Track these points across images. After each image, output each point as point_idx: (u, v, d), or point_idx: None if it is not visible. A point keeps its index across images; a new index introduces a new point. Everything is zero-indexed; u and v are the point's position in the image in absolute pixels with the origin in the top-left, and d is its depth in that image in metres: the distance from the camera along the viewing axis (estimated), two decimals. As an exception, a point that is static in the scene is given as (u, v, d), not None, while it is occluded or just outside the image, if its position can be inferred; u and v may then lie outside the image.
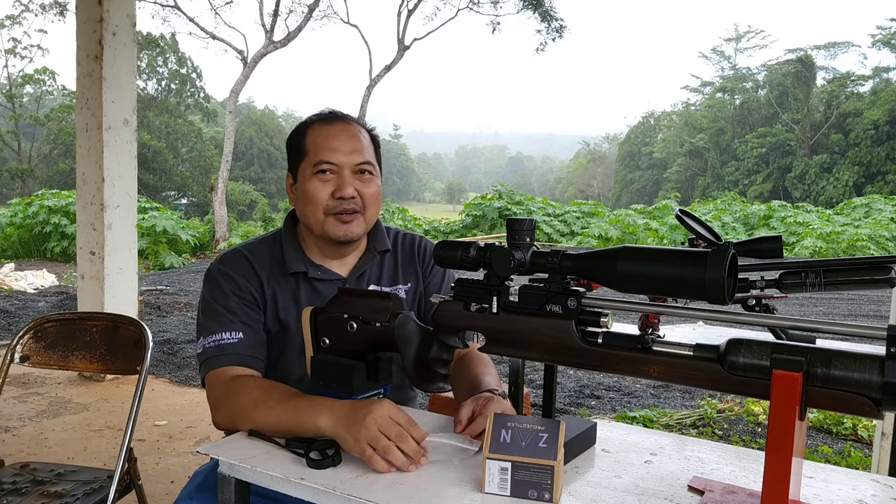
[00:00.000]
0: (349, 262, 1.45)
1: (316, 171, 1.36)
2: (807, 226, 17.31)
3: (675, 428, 3.82)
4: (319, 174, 1.36)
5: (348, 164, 1.36)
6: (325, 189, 1.35)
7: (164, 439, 3.38)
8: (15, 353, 1.89)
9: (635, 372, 0.93)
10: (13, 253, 13.60)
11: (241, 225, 19.43)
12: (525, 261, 1.00)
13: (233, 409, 1.23)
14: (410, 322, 1.14)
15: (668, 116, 51.36)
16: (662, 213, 19.28)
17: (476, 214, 19.82)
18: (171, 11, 19.72)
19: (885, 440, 2.39)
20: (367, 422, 1.05)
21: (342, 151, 1.36)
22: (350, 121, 1.42)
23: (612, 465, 1.10)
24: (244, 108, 49.96)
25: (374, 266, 1.47)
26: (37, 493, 1.65)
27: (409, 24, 19.72)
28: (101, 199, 4.22)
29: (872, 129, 32.64)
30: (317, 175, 1.36)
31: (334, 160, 1.35)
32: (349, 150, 1.36)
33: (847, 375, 0.79)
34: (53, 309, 7.05)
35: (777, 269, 1.50)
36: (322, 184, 1.36)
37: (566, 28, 19.80)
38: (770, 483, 0.82)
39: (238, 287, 1.36)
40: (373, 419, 1.06)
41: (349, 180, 1.36)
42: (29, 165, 31.13)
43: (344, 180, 1.35)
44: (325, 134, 1.37)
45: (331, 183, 1.36)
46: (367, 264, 1.46)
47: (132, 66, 4.35)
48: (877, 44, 38.88)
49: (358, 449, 1.05)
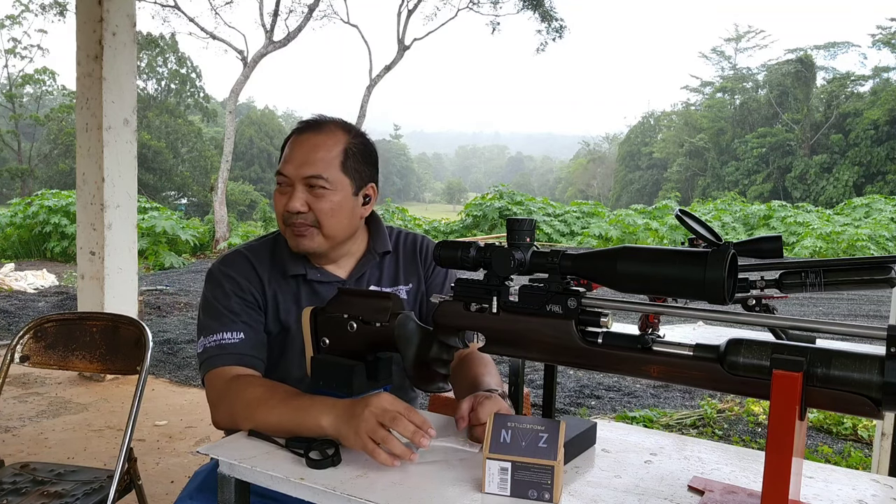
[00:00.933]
0: (348, 264, 1.44)
1: (277, 182, 1.36)
2: (807, 226, 17.31)
3: (675, 428, 3.82)
4: (279, 185, 1.35)
5: (297, 177, 1.33)
6: (281, 201, 1.35)
7: (164, 439, 3.38)
8: (15, 353, 1.89)
9: (635, 372, 0.93)
10: (13, 253, 13.60)
11: (242, 225, 19.43)
12: (525, 261, 1.00)
13: (233, 408, 1.22)
14: (410, 322, 1.14)
15: (668, 116, 51.36)
16: (662, 213, 19.27)
17: (476, 214, 19.82)
18: (171, 11, 19.74)
19: (885, 440, 2.39)
20: (366, 415, 1.06)
21: (293, 163, 1.33)
22: (322, 130, 1.35)
23: (612, 465, 1.10)
24: (244, 108, 49.95)
25: (374, 267, 1.46)
26: (37, 493, 1.65)
27: (409, 24, 19.73)
28: (101, 199, 4.22)
29: (872, 129, 32.63)
30: (279, 186, 1.36)
31: (285, 172, 1.34)
32: (300, 163, 1.32)
33: (847, 375, 0.79)
34: (53, 309, 7.05)
35: (777, 269, 1.50)
36: (279, 196, 1.35)
37: (566, 28, 19.81)
38: (770, 483, 0.82)
39: (240, 288, 1.36)
40: (370, 412, 1.06)
41: (299, 193, 1.32)
42: (29, 165, 31.13)
43: (293, 193, 1.33)
44: (293, 143, 1.36)
45: (286, 196, 1.34)
46: (367, 266, 1.45)
47: (132, 66, 4.35)
48: (877, 44, 38.88)
49: (360, 443, 1.05)
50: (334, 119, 1.39)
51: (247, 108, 50.75)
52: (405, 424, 1.05)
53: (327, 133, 1.35)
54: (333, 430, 1.09)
